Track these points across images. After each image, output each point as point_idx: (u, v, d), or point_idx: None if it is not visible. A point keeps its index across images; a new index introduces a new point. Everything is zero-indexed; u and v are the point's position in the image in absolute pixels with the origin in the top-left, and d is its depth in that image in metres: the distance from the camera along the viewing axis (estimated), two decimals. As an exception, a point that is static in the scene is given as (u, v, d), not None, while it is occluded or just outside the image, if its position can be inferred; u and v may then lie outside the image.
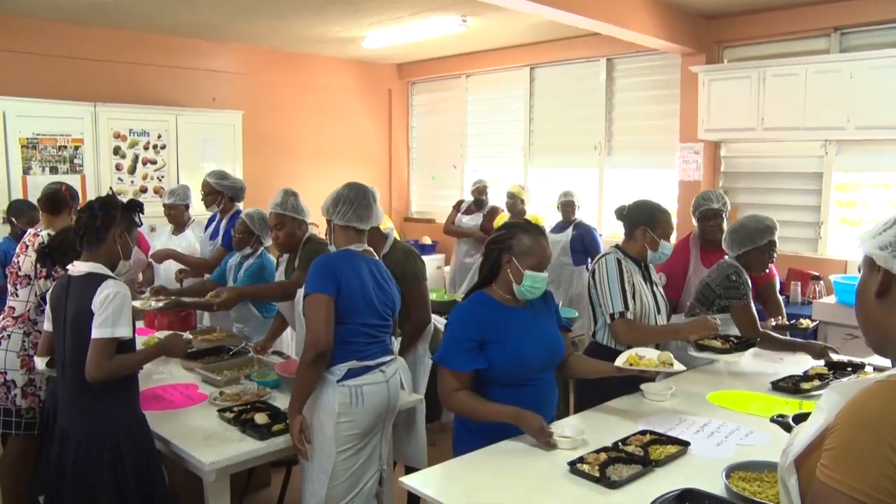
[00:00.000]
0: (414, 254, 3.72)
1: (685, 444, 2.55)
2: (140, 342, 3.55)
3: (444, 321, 4.97)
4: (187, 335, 3.20)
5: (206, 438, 2.86)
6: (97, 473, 2.68)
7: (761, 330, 3.61)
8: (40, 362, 3.02)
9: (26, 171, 6.03)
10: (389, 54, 8.51)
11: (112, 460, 2.69)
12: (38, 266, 3.57)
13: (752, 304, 3.61)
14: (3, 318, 3.75)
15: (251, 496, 4.25)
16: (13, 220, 4.98)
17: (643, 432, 2.65)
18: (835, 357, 3.54)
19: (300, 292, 2.99)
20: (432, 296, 5.16)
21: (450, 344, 2.70)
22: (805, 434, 1.23)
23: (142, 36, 7.08)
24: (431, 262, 8.18)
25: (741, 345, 3.37)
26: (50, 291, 2.92)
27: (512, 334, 2.66)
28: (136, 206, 2.90)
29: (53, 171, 6.16)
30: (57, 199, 3.97)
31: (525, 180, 7.93)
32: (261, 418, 2.94)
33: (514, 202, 6.50)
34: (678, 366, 2.89)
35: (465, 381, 2.66)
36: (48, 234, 3.75)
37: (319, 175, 8.00)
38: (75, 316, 2.69)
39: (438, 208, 9.01)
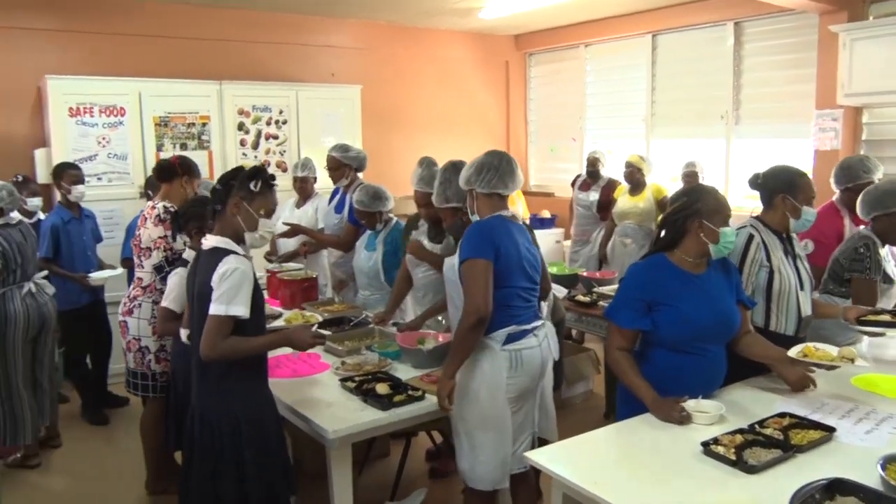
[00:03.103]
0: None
1: (830, 429, 2.37)
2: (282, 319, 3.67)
3: (565, 292, 4.98)
4: (315, 330, 3.17)
5: (328, 407, 2.90)
6: (219, 450, 2.62)
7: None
8: (184, 334, 2.93)
9: (159, 147, 6.30)
10: (506, 25, 8.37)
11: (233, 440, 2.61)
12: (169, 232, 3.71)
13: (878, 282, 3.35)
14: (134, 289, 3.92)
15: (371, 465, 4.32)
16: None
17: (782, 415, 2.49)
18: None
19: (451, 260, 2.97)
20: (552, 269, 5.12)
21: (619, 300, 2.76)
22: None
23: (263, 15, 7.23)
24: (550, 236, 8.10)
25: None
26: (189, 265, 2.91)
27: (684, 299, 2.63)
28: (256, 174, 2.69)
29: (183, 147, 6.41)
30: (163, 167, 4.07)
31: (647, 152, 7.62)
32: (382, 388, 2.95)
33: (632, 172, 6.27)
34: (861, 361, 2.64)
35: (629, 338, 2.72)
36: (164, 206, 3.88)
37: (437, 148, 7.89)
38: (199, 290, 2.60)
39: (557, 181, 8.84)
